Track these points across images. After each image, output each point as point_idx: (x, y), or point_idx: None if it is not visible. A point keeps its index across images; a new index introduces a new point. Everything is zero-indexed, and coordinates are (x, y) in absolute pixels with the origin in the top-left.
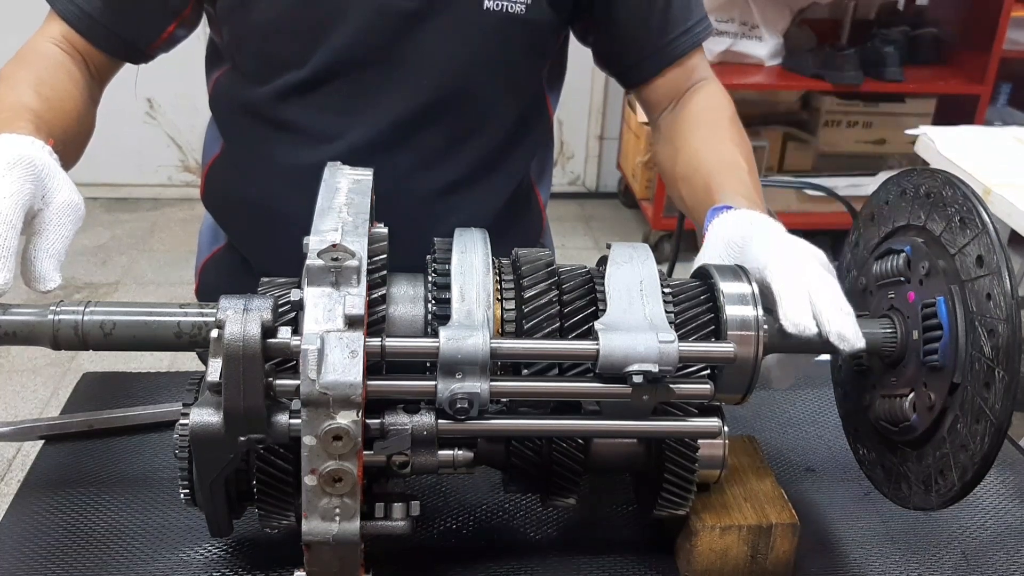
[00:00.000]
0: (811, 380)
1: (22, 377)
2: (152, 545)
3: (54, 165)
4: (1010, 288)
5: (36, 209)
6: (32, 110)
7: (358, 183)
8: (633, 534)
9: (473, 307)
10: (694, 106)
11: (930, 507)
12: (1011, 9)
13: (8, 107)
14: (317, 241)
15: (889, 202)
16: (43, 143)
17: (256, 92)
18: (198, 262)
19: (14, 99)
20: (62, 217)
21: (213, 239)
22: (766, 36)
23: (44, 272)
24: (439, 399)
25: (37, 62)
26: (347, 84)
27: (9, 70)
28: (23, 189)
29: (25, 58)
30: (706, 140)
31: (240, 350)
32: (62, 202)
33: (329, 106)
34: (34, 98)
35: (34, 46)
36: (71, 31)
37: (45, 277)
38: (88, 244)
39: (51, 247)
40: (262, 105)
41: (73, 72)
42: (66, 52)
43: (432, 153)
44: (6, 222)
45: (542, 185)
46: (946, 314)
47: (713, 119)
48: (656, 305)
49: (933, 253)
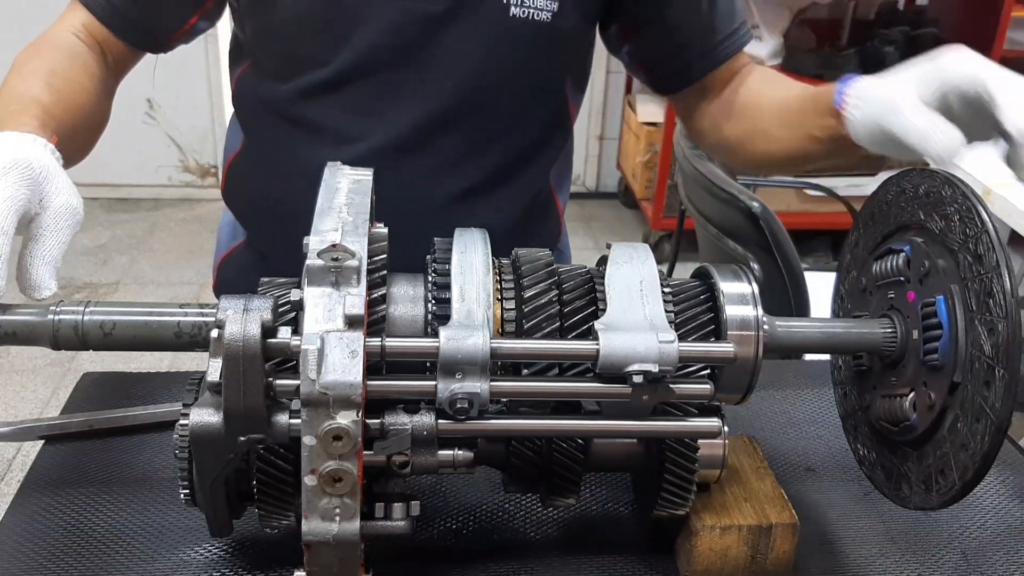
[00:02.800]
0: (811, 380)
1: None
2: (152, 545)
3: (54, 166)
4: (1010, 287)
5: (33, 213)
6: (41, 103)
7: (358, 183)
8: (633, 534)
9: (473, 307)
10: (756, 76)
11: (931, 507)
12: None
13: (16, 99)
14: (317, 241)
15: (889, 202)
16: (45, 141)
17: (278, 90)
18: (216, 258)
19: (23, 90)
20: (59, 222)
21: (232, 235)
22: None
23: (40, 280)
24: (439, 399)
25: (52, 52)
26: (370, 85)
27: (24, 58)
28: (18, 194)
29: (41, 47)
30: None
31: (240, 350)
32: (59, 206)
33: (351, 107)
34: (44, 90)
35: (52, 34)
36: (92, 20)
37: (40, 285)
38: (88, 244)
39: (47, 253)
40: (284, 103)
41: (89, 64)
42: (84, 42)
43: (453, 157)
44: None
45: (561, 191)
46: (946, 313)
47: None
48: (656, 305)
49: (933, 252)
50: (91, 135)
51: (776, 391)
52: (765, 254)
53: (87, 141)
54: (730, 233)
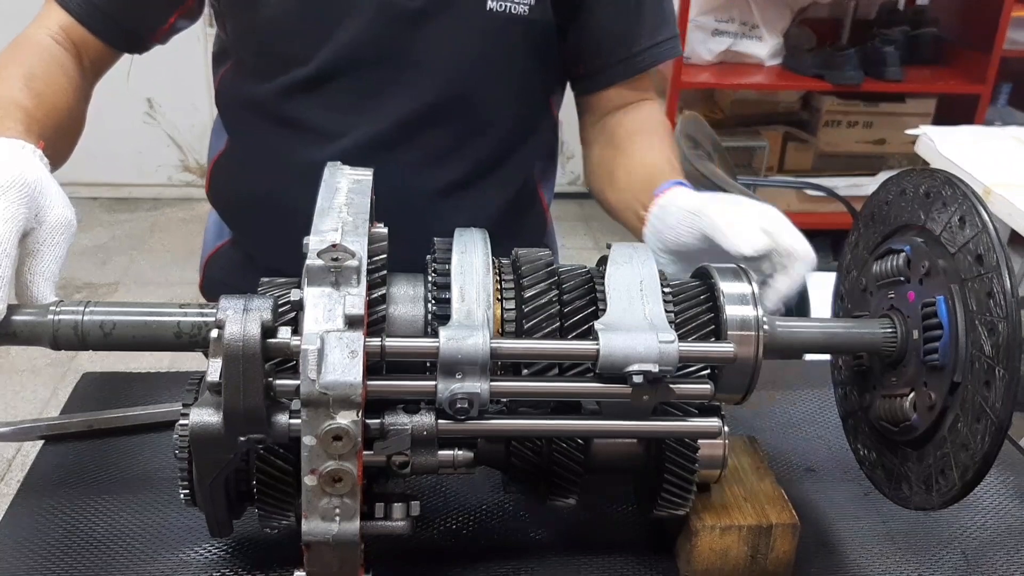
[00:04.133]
0: (811, 380)
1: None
2: (152, 545)
3: (46, 178)
4: (1010, 286)
5: (29, 228)
6: (23, 108)
7: (358, 183)
8: (633, 534)
9: (473, 307)
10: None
11: (931, 507)
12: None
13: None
14: (317, 241)
15: (889, 202)
16: (33, 147)
17: (261, 88)
18: (203, 256)
19: (4, 94)
20: (55, 236)
21: (218, 234)
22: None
23: (40, 294)
24: (439, 399)
25: (31, 54)
26: (352, 82)
27: (1, 61)
28: (18, 213)
29: (18, 49)
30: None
31: (240, 350)
32: (55, 220)
33: (334, 104)
34: (25, 94)
35: (29, 36)
36: (70, 21)
37: (40, 299)
38: (88, 244)
39: (46, 269)
40: (267, 101)
41: (68, 67)
42: (61, 45)
43: (436, 152)
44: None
45: (546, 186)
46: (946, 313)
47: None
48: (656, 305)
49: (933, 252)
50: (71, 138)
51: (776, 391)
52: None
53: (68, 145)
54: None
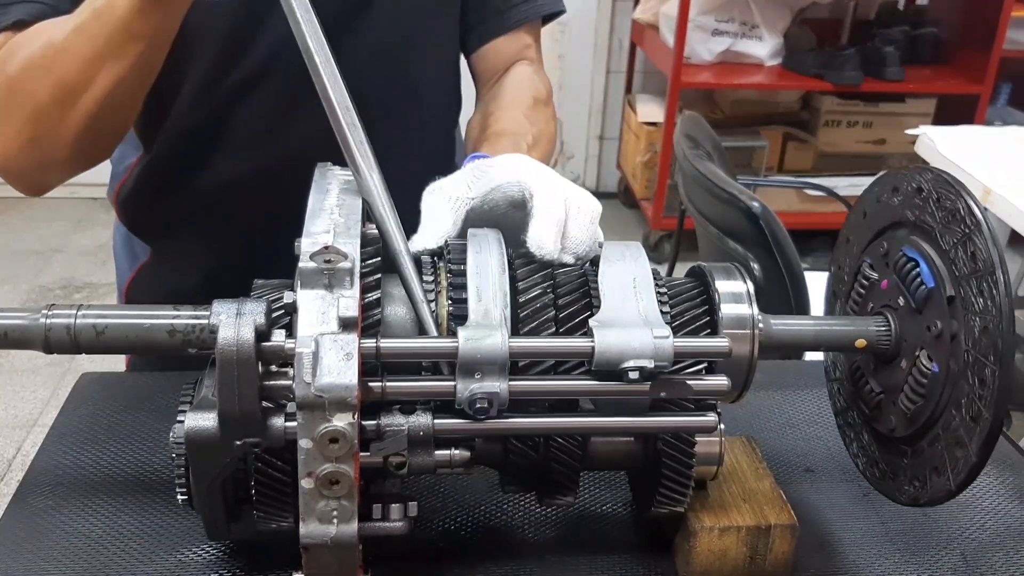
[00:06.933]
0: (810, 380)
1: (22, 377)
2: (151, 546)
3: None
4: (1003, 284)
5: None
6: None
7: (349, 183)
8: (632, 534)
9: (490, 306)
10: (507, 80)
11: (925, 503)
12: (1011, 9)
13: None
14: (309, 243)
15: (881, 200)
16: None
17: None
18: (120, 284)
19: None
20: None
21: (132, 257)
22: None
23: None
24: (459, 399)
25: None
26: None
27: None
28: None
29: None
30: (502, 107)
31: (234, 354)
32: None
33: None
34: None
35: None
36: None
37: None
38: (88, 244)
39: None
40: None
41: None
42: None
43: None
44: None
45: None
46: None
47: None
48: (650, 302)
49: (927, 250)
50: None
51: (775, 391)
52: (765, 254)
53: None
54: (730, 233)
